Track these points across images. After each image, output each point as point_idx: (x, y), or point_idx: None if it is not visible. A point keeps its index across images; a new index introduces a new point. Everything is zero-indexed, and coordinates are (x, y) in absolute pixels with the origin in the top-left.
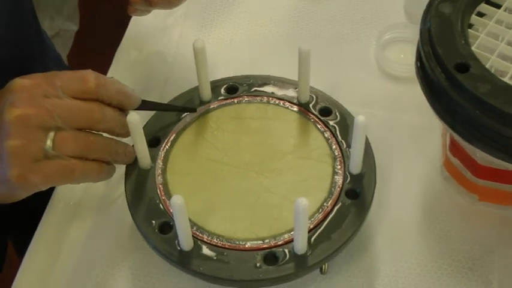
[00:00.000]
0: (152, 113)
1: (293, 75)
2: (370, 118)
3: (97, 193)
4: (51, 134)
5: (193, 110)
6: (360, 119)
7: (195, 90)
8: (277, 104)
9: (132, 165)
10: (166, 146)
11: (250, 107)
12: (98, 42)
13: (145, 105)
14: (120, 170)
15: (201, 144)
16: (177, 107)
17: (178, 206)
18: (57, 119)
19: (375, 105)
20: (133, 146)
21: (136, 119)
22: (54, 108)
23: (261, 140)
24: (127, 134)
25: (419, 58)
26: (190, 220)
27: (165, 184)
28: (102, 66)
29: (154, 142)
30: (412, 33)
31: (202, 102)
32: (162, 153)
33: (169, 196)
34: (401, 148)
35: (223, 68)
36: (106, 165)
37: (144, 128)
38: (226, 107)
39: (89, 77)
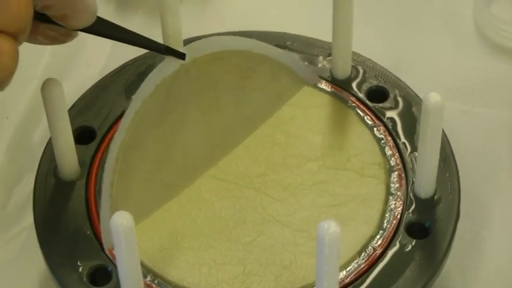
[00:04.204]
0: (81, 88)
1: (324, 34)
2: (460, 117)
3: None
4: None
5: (181, 56)
6: (432, 98)
7: (154, 57)
8: None
9: (45, 175)
10: (105, 143)
11: None
12: None
13: (100, 27)
14: (27, 186)
15: (164, 139)
16: (154, 44)
17: (124, 230)
18: None
19: (469, 96)
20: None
21: (58, 91)
22: None
23: (266, 136)
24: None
25: None
26: (142, 264)
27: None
28: None
29: (85, 135)
30: None
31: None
32: (99, 155)
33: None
34: (508, 164)
35: (206, 19)
36: None
37: (70, 111)
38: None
39: None
